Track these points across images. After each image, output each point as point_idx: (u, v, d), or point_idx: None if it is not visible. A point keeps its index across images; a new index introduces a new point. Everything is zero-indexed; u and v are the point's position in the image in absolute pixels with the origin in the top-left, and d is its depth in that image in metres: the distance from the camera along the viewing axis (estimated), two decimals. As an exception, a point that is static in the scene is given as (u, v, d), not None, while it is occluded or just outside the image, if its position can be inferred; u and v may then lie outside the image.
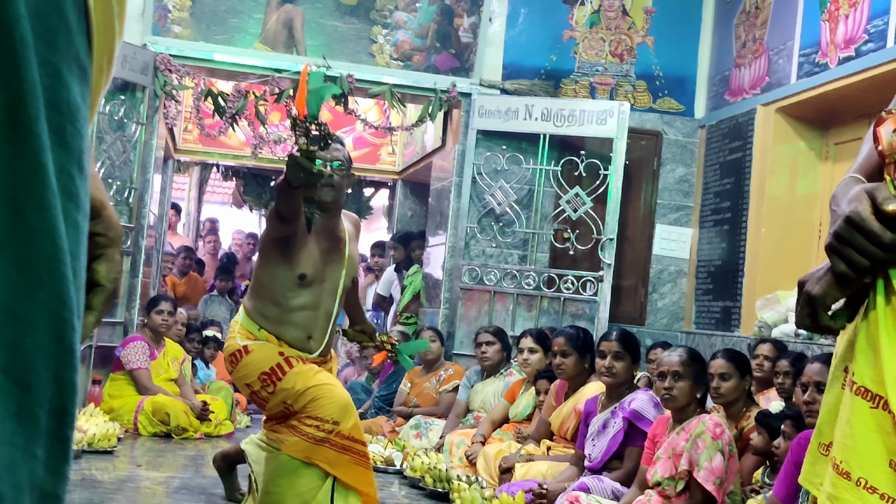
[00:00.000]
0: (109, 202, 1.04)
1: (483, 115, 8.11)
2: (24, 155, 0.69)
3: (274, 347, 4.32)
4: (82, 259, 0.78)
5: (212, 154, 11.90)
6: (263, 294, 4.40)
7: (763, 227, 7.35)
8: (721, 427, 4.41)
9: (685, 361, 4.64)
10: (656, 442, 4.68)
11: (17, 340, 0.69)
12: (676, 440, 4.48)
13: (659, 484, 4.44)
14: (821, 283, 1.51)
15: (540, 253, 8.19)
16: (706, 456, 4.33)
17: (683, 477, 4.38)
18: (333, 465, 4.15)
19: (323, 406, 4.16)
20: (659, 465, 4.49)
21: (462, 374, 7.62)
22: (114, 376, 7.55)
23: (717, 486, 4.30)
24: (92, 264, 1.01)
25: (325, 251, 4.39)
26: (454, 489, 5.37)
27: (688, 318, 8.33)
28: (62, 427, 0.74)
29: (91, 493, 5.21)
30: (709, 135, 8.23)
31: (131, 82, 7.72)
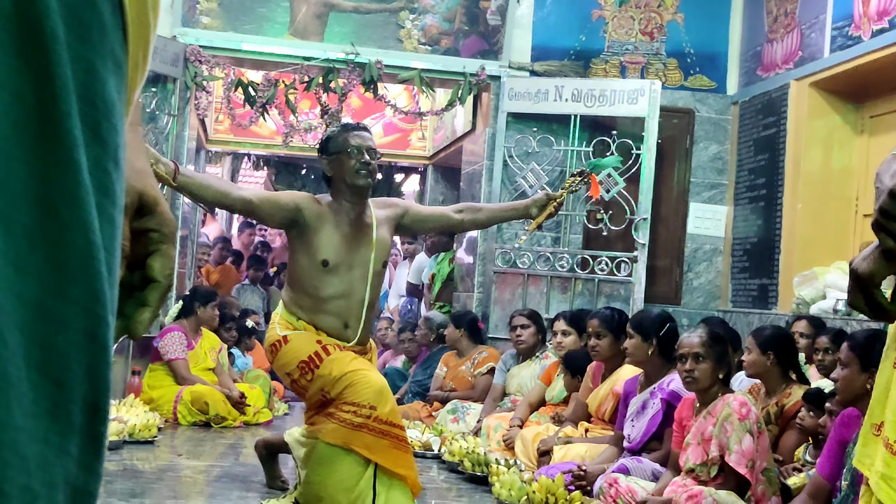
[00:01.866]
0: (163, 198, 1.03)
1: (513, 98, 8.04)
2: (57, 151, 0.69)
3: (312, 336, 4.32)
4: (117, 255, 0.77)
5: (243, 144, 11.91)
6: (296, 285, 4.42)
7: (799, 203, 7.25)
8: (747, 406, 4.35)
9: (706, 342, 4.60)
10: (684, 426, 4.63)
11: (51, 338, 0.68)
12: (704, 425, 4.43)
13: (692, 470, 4.39)
14: (868, 261, 1.45)
15: (573, 234, 8.12)
16: (735, 439, 4.27)
17: (715, 462, 4.33)
18: (372, 450, 4.13)
19: (359, 391, 4.14)
20: (690, 452, 4.44)
21: (496, 356, 7.60)
22: (152, 367, 7.58)
23: (750, 468, 4.24)
24: (147, 260, 1.01)
25: (348, 237, 4.36)
26: (493, 472, 5.34)
27: (724, 296, 8.24)
28: (96, 424, 0.73)
29: (132, 482, 5.23)
30: (742, 111, 8.12)
31: (162, 74, 7.72)
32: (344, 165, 4.37)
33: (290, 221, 4.33)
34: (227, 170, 14.26)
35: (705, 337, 4.61)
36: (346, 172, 4.36)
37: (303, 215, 4.30)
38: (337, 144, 4.42)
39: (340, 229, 4.35)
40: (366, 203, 4.47)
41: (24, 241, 0.66)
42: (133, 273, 0.98)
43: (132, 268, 0.97)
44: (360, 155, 4.35)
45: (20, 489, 0.64)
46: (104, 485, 4.98)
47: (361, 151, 4.36)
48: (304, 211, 4.30)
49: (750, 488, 4.30)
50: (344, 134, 4.44)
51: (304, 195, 4.48)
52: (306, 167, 13.06)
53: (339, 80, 8.06)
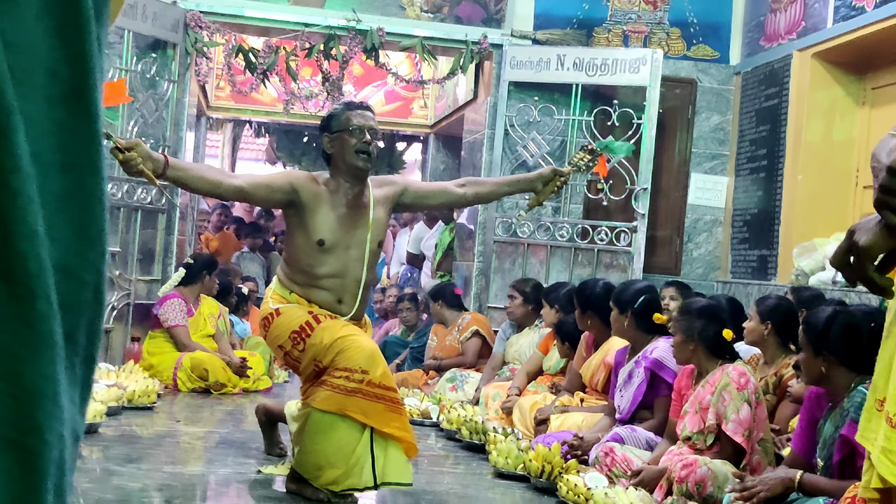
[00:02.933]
0: None
1: (514, 67, 7.99)
2: (86, 125, 0.74)
3: (304, 307, 4.34)
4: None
5: (244, 111, 11.85)
6: (291, 262, 4.44)
7: (799, 175, 7.22)
8: (746, 376, 4.35)
9: (674, 317, 4.66)
10: (683, 395, 4.64)
11: (70, 297, 0.73)
12: (702, 393, 4.44)
13: (689, 438, 4.39)
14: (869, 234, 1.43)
15: (573, 204, 8.09)
16: (733, 408, 4.28)
17: (712, 430, 4.33)
18: (368, 414, 4.15)
19: (350, 356, 4.15)
20: (687, 420, 4.45)
21: (481, 320, 7.73)
22: (152, 334, 7.58)
23: (746, 437, 4.26)
24: None
25: (344, 218, 4.37)
26: (490, 441, 5.35)
27: (724, 267, 8.23)
28: (90, 374, 0.78)
29: (130, 448, 5.24)
30: (744, 82, 8.07)
31: (162, 40, 7.68)
32: (344, 145, 4.37)
33: (287, 203, 4.34)
34: (229, 137, 14.22)
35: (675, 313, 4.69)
36: (346, 152, 4.36)
37: (299, 196, 4.30)
38: (339, 122, 4.41)
39: (337, 210, 4.35)
40: (364, 183, 4.46)
41: (54, 208, 0.71)
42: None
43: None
44: (361, 135, 4.34)
45: (58, 438, 0.70)
46: (102, 448, 5.00)
47: (363, 132, 4.36)
48: (300, 192, 4.30)
49: (745, 457, 4.30)
50: (347, 112, 4.43)
51: (300, 175, 4.48)
52: (308, 135, 13.00)
53: (341, 47, 8.01)
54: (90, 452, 4.92)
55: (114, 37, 7.38)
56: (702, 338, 4.53)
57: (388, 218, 4.60)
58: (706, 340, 4.52)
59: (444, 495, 4.62)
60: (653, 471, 4.39)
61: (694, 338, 4.54)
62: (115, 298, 7.46)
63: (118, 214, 7.43)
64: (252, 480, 4.71)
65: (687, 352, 4.58)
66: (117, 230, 7.44)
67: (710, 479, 4.11)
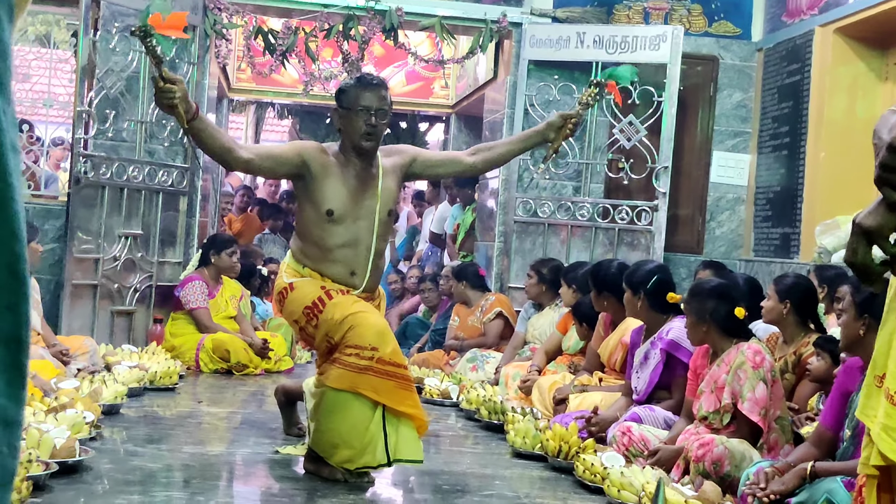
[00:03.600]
0: None
1: (534, 45, 7.96)
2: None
3: (317, 282, 4.37)
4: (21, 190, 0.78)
5: (266, 93, 11.86)
6: (303, 235, 4.47)
7: (822, 152, 7.17)
8: (761, 355, 4.34)
9: (685, 300, 4.66)
10: (699, 374, 4.64)
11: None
12: (717, 372, 4.43)
13: (705, 418, 4.39)
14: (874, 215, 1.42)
15: (594, 184, 8.07)
16: (749, 387, 4.27)
17: (728, 410, 4.32)
18: (379, 391, 4.18)
19: (360, 333, 4.17)
20: (703, 399, 4.44)
21: (504, 301, 7.73)
22: (174, 315, 7.63)
23: (763, 416, 4.24)
24: None
25: (353, 189, 4.39)
26: (508, 420, 5.36)
27: (746, 245, 8.19)
28: (18, 356, 0.75)
29: (152, 428, 5.29)
30: (766, 58, 8.01)
31: (181, 22, 7.66)
32: (352, 124, 4.38)
33: (296, 174, 4.37)
34: (252, 119, 14.25)
35: (686, 295, 4.69)
36: (353, 132, 4.38)
37: (308, 167, 4.32)
38: (348, 99, 4.42)
39: (346, 181, 4.37)
40: (373, 156, 4.47)
41: None
42: None
43: None
44: (367, 117, 4.34)
45: None
46: (124, 430, 5.05)
47: (370, 114, 4.35)
48: (309, 163, 4.32)
49: (762, 436, 4.29)
50: (357, 90, 4.42)
51: (310, 145, 4.49)
52: (330, 116, 13.00)
53: (360, 27, 8.00)
54: (112, 433, 4.97)
55: (133, 19, 7.40)
56: (714, 318, 4.51)
57: (397, 187, 4.61)
58: (719, 320, 4.51)
59: (462, 475, 4.64)
60: (669, 450, 4.39)
61: (706, 318, 4.52)
62: (138, 281, 7.52)
63: (139, 197, 7.48)
64: (272, 461, 4.74)
65: (700, 333, 4.57)
66: (139, 213, 7.49)
67: (728, 458, 4.11)
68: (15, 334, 0.74)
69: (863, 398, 1.52)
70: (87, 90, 7.17)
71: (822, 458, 3.71)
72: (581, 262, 6.99)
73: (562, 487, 4.49)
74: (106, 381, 5.77)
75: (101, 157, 7.26)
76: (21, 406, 0.76)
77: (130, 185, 7.42)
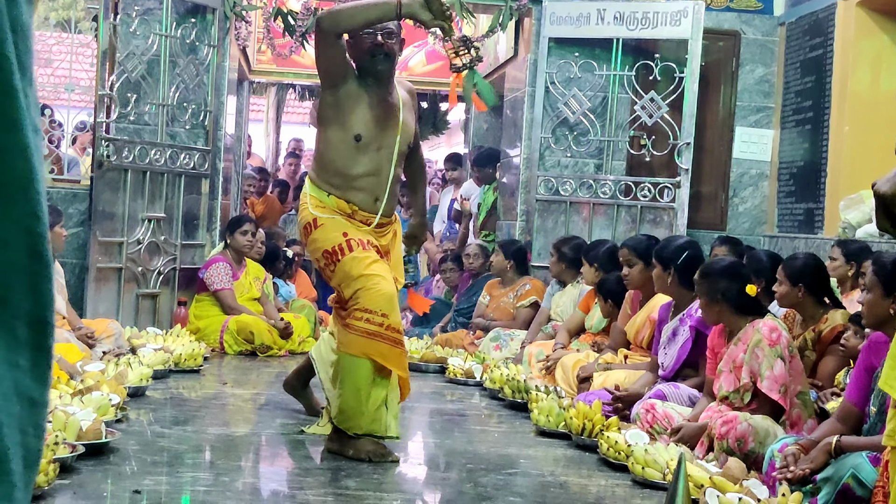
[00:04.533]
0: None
1: (554, 22, 7.92)
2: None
3: (339, 225, 4.41)
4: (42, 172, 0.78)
5: (286, 74, 11.84)
6: (326, 164, 4.50)
7: (846, 126, 7.11)
8: (777, 331, 4.33)
9: (696, 280, 4.67)
10: (717, 353, 4.63)
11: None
12: (735, 351, 4.42)
13: (726, 398, 4.38)
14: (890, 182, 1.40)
15: (616, 161, 8.03)
16: (767, 365, 4.25)
17: (748, 389, 4.32)
18: (387, 358, 4.29)
19: (372, 297, 4.24)
20: (723, 379, 4.44)
21: (540, 289, 7.65)
22: (198, 297, 7.66)
23: (783, 393, 4.23)
24: None
25: (378, 117, 4.44)
26: (532, 399, 5.36)
27: (770, 221, 8.14)
28: (43, 337, 0.75)
29: (178, 410, 5.32)
30: (789, 32, 7.94)
31: (201, 4, 7.70)
32: (359, 45, 4.42)
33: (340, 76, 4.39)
34: (273, 101, 14.26)
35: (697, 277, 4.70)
36: (361, 53, 4.42)
37: (346, 79, 4.38)
38: None
39: (372, 108, 4.43)
40: (391, 84, 4.53)
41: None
42: None
43: None
44: (373, 36, 4.37)
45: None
46: (150, 412, 5.09)
47: (375, 33, 4.38)
48: (348, 76, 4.38)
49: (785, 413, 4.28)
50: None
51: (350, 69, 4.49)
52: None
53: (379, 7, 7.96)
54: (137, 415, 5.01)
55: (153, 2, 7.43)
56: (726, 298, 4.50)
57: (414, 123, 4.68)
58: (731, 300, 4.50)
59: (486, 454, 4.65)
60: (693, 427, 4.39)
61: (718, 299, 4.51)
62: (161, 263, 7.55)
63: (161, 180, 7.50)
64: (297, 441, 4.77)
65: (714, 313, 4.57)
66: (161, 196, 7.52)
67: (752, 435, 4.10)
68: (38, 315, 0.74)
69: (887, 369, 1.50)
70: (108, 74, 7.19)
71: (847, 433, 3.69)
72: (602, 240, 6.97)
73: (586, 465, 4.50)
74: (131, 363, 5.80)
75: (124, 140, 7.29)
76: (46, 387, 0.76)
77: (153, 168, 7.44)
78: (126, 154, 7.26)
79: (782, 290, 5.00)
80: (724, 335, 4.61)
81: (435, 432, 5.30)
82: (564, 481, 4.25)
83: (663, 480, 4.02)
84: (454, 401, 6.15)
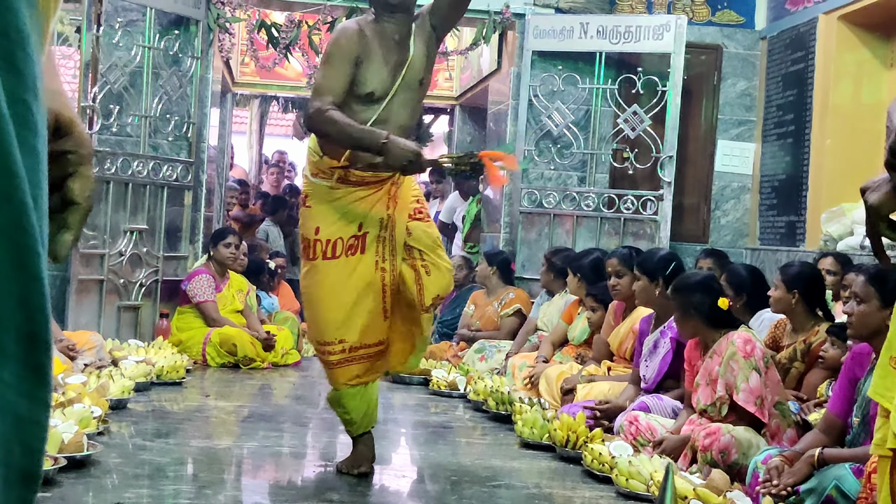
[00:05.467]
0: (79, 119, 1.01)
1: (538, 36, 7.95)
2: None
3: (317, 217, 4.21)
4: (43, 185, 0.76)
5: (270, 86, 11.86)
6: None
7: (827, 139, 7.15)
8: (751, 343, 4.34)
9: (670, 296, 4.70)
10: (693, 365, 4.63)
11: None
12: (710, 364, 4.43)
13: (704, 411, 4.39)
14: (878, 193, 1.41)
15: (599, 174, 8.06)
16: (742, 377, 4.27)
17: (725, 401, 4.32)
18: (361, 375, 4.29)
19: (322, 330, 4.25)
20: (700, 392, 4.45)
21: (524, 299, 7.68)
22: (181, 310, 7.62)
23: (759, 405, 4.23)
24: (66, 182, 0.98)
25: (392, 64, 4.10)
26: (516, 411, 5.35)
27: (752, 234, 8.17)
28: (35, 353, 0.72)
29: (160, 423, 5.29)
30: (770, 46, 7.98)
31: (184, 16, 7.69)
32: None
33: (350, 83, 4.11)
34: (256, 113, 14.24)
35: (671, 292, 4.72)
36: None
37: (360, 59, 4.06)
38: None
39: (387, 58, 4.09)
40: (409, 21, 4.14)
41: None
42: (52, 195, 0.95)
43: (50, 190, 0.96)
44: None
45: None
46: (132, 424, 5.05)
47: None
48: (360, 55, 4.05)
49: (765, 425, 4.28)
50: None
51: (351, 36, 4.09)
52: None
53: (363, 20, 7.97)
54: (119, 428, 4.97)
55: (136, 14, 7.41)
56: (699, 312, 4.51)
57: (427, 51, 4.21)
58: (704, 313, 4.51)
59: (470, 466, 4.63)
60: (675, 439, 4.39)
61: (691, 313, 4.52)
62: (143, 275, 7.52)
63: (143, 191, 7.48)
64: (281, 454, 4.75)
65: (689, 327, 4.58)
66: (144, 207, 7.49)
67: (735, 447, 4.10)
68: (30, 331, 0.72)
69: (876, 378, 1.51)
70: (90, 85, 7.16)
71: (830, 444, 3.70)
72: (586, 251, 6.98)
73: (570, 477, 4.49)
74: (113, 375, 5.77)
75: (106, 152, 7.26)
76: (37, 405, 0.73)
77: (135, 179, 7.42)
78: (108, 166, 7.23)
79: (777, 294, 5.02)
80: (700, 348, 4.62)
81: (419, 444, 5.29)
82: (549, 493, 4.23)
83: (647, 492, 4.01)
84: (438, 413, 6.14)
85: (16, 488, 0.72)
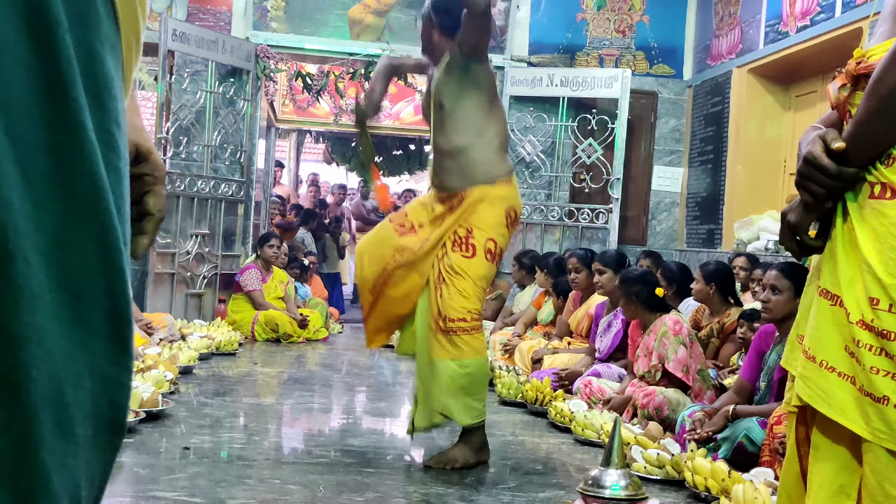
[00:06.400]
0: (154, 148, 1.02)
1: (514, 84, 7.93)
2: (65, 114, 0.67)
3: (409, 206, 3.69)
4: (125, 197, 0.75)
5: (305, 122, 11.81)
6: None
7: (739, 165, 7.15)
8: (679, 324, 4.33)
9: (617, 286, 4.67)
10: (635, 340, 4.60)
11: (66, 262, 0.67)
12: (648, 340, 4.41)
13: (643, 377, 4.37)
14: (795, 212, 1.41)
15: (561, 191, 8.04)
16: (672, 350, 4.25)
17: (658, 369, 4.30)
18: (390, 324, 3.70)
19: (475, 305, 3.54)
20: (640, 362, 4.43)
21: (505, 287, 7.69)
22: (235, 297, 7.59)
23: (685, 372, 4.22)
24: (143, 198, 1.00)
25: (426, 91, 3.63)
26: (496, 376, 5.33)
27: (680, 238, 8.17)
28: (119, 329, 0.72)
29: (218, 385, 5.27)
30: (695, 93, 7.98)
31: (238, 68, 7.65)
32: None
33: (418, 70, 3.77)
34: (294, 143, 14.19)
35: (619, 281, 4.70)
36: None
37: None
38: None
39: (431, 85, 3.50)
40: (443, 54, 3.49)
41: (41, 184, 0.65)
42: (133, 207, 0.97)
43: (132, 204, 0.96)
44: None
45: (48, 376, 0.65)
46: (196, 386, 5.03)
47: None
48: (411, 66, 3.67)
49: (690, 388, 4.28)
50: None
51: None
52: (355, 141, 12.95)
53: (377, 71, 7.94)
54: (186, 388, 4.95)
55: (200, 66, 7.39)
56: (640, 298, 4.49)
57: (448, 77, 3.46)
58: (643, 300, 4.49)
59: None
60: (620, 399, 4.38)
61: (633, 300, 4.50)
62: (206, 269, 7.51)
63: (206, 204, 7.46)
64: (314, 409, 4.73)
65: (631, 310, 4.56)
66: (206, 217, 7.47)
67: (667, 405, 4.10)
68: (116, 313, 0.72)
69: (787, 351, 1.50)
70: (164, 121, 7.15)
71: (741, 402, 3.70)
72: (551, 253, 6.99)
73: (538, 428, 4.47)
74: (182, 348, 5.75)
75: (177, 173, 7.24)
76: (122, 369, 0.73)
77: (199, 195, 7.40)
78: (178, 184, 7.21)
79: (698, 287, 5.02)
80: (640, 327, 4.61)
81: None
82: (522, 440, 4.22)
83: (598, 439, 4.00)
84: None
85: (105, 434, 0.72)
